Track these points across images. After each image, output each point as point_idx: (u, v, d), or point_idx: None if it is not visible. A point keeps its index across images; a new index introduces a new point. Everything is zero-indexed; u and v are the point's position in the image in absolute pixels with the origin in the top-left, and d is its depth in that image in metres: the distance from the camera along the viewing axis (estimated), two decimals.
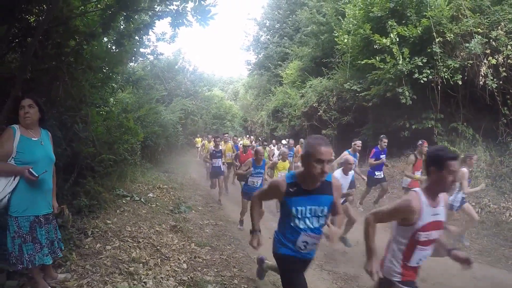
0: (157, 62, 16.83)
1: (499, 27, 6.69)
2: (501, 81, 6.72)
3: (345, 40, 9.91)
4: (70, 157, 4.20)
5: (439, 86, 7.40)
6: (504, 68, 6.61)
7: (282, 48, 18.06)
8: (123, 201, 5.29)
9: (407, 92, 7.72)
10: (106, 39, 5.06)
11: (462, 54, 7.22)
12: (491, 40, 6.72)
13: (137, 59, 6.46)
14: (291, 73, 15.89)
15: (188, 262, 3.77)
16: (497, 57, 6.63)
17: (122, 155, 5.82)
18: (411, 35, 7.69)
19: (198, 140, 16.92)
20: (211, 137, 10.43)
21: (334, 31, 10.86)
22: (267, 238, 5.22)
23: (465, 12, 7.15)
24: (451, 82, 7.18)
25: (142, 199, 5.71)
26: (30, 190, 2.34)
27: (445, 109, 7.79)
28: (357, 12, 9.39)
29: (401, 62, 7.58)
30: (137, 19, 4.87)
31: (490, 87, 6.71)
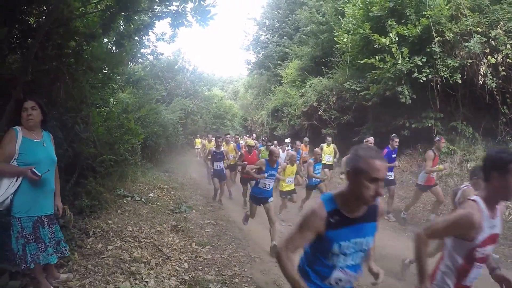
0: (157, 62, 16.85)
1: (498, 26, 6.69)
2: (501, 80, 6.73)
3: (345, 40, 9.91)
4: (71, 158, 4.22)
5: (439, 85, 7.41)
6: (504, 67, 6.61)
7: (282, 48, 18.05)
8: (124, 201, 5.32)
9: (407, 91, 7.73)
10: (106, 40, 5.08)
11: (462, 53, 7.22)
12: (490, 39, 6.72)
13: (137, 61, 6.46)
14: (291, 73, 15.89)
15: (189, 262, 3.79)
16: (497, 56, 6.64)
17: (123, 155, 5.84)
18: (411, 35, 7.69)
19: (198, 141, 16.92)
20: (212, 137, 9.94)
21: (334, 31, 10.85)
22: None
23: (464, 11, 7.15)
24: (451, 81, 7.19)
25: (143, 199, 5.73)
26: (33, 191, 2.36)
27: (445, 108, 7.80)
28: (357, 12, 9.39)
29: (401, 62, 7.59)
30: (137, 20, 4.88)
31: (490, 86, 6.72)
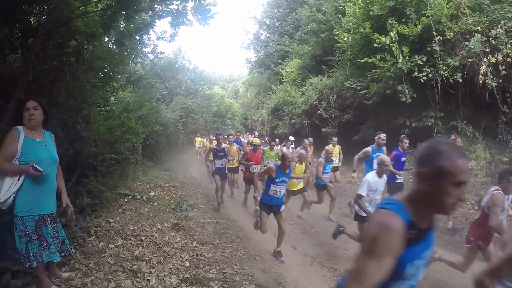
0: (158, 61, 16.86)
1: (499, 26, 6.70)
2: (501, 80, 6.75)
3: (345, 39, 9.91)
4: (72, 157, 4.24)
5: (439, 84, 7.41)
6: (504, 67, 6.62)
7: (282, 46, 18.04)
8: (125, 200, 5.34)
9: (407, 91, 7.73)
10: (107, 39, 5.08)
11: (462, 53, 7.23)
12: (491, 39, 6.73)
13: (137, 60, 6.47)
14: (291, 71, 15.89)
15: (190, 260, 3.81)
16: (497, 56, 6.64)
17: (124, 154, 5.85)
18: (411, 34, 7.70)
19: (198, 140, 16.92)
20: (213, 137, 9.49)
21: (334, 29, 10.86)
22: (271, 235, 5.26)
23: (465, 11, 7.15)
24: (451, 81, 7.20)
25: (144, 198, 5.75)
26: (35, 190, 2.38)
27: (445, 107, 7.81)
28: (357, 11, 9.39)
29: (401, 61, 7.60)
30: (137, 19, 4.89)
31: (490, 86, 6.73)
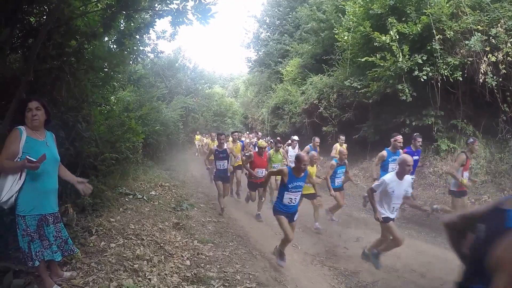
0: (158, 60, 16.87)
1: (499, 25, 6.68)
2: (501, 78, 6.73)
3: (345, 38, 9.89)
4: (73, 157, 4.25)
5: (439, 83, 7.40)
6: (504, 66, 6.61)
7: (282, 45, 18.00)
8: (126, 199, 5.36)
9: (407, 89, 7.73)
10: (107, 39, 5.09)
11: (462, 52, 7.21)
12: (491, 38, 6.71)
13: (138, 61, 6.48)
14: (292, 70, 15.86)
15: (191, 259, 3.83)
16: (497, 55, 6.63)
17: (124, 154, 5.86)
18: (411, 33, 7.68)
19: (197, 138, 16.90)
20: (215, 135, 9.09)
21: (334, 28, 10.82)
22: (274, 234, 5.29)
23: (465, 10, 7.13)
24: (451, 79, 7.19)
25: (145, 197, 5.77)
26: (36, 190, 2.40)
27: (445, 106, 7.80)
28: (357, 10, 9.37)
29: (401, 60, 7.59)
30: (138, 18, 4.89)
31: (490, 84, 6.72)
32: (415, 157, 5.48)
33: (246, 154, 7.56)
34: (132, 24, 4.59)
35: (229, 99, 28.71)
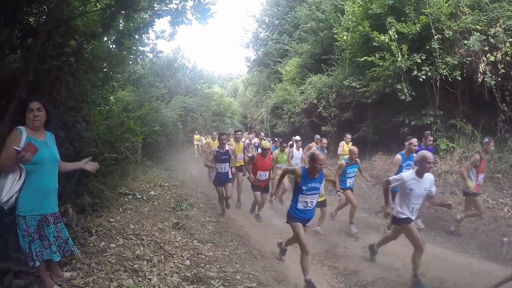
0: (157, 60, 16.86)
1: (498, 24, 6.69)
2: (500, 78, 6.75)
3: (344, 37, 9.90)
4: (73, 157, 4.22)
5: (438, 83, 7.42)
6: (503, 65, 6.63)
7: (281, 45, 18.01)
8: (126, 199, 5.36)
9: (406, 89, 7.74)
10: (106, 39, 5.08)
11: (461, 51, 7.23)
12: (490, 37, 6.73)
13: (137, 61, 6.46)
14: (291, 70, 15.88)
15: (191, 259, 3.83)
16: (496, 54, 6.65)
17: (124, 154, 5.86)
18: (410, 32, 7.70)
19: (196, 137, 16.85)
20: (216, 135, 8.67)
21: (333, 28, 10.84)
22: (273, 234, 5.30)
23: (464, 9, 7.15)
24: (450, 79, 7.20)
25: (144, 197, 5.77)
26: (36, 190, 2.40)
27: (444, 106, 7.82)
28: (356, 9, 9.38)
29: (400, 59, 7.60)
30: (137, 18, 4.88)
31: (489, 84, 6.74)
32: None
33: (249, 156, 7.43)
34: (131, 24, 4.59)
35: (228, 99, 28.70)
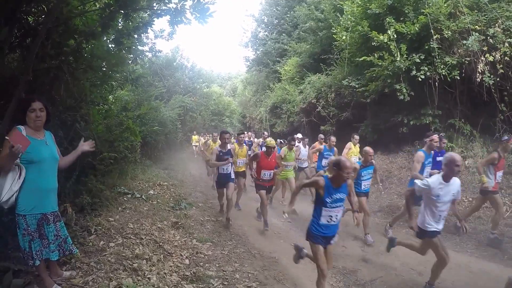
0: (156, 59, 16.84)
1: (496, 24, 6.71)
2: (498, 78, 6.77)
3: (343, 37, 9.90)
4: None
5: (437, 83, 7.44)
6: (501, 65, 6.64)
7: (281, 45, 18.01)
8: (125, 199, 5.36)
9: (405, 89, 7.76)
10: (105, 38, 5.07)
11: (460, 51, 7.25)
12: (489, 37, 6.74)
13: (136, 62, 6.46)
14: (290, 70, 15.87)
15: (190, 258, 3.84)
16: (494, 54, 6.66)
17: (123, 153, 5.87)
18: (409, 32, 7.71)
19: (195, 138, 16.82)
20: (216, 135, 8.26)
21: (332, 28, 10.84)
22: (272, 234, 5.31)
23: (463, 9, 7.17)
24: (449, 79, 7.22)
25: (143, 196, 5.78)
26: (36, 189, 2.40)
27: (443, 105, 7.84)
28: (355, 9, 9.38)
29: (399, 59, 7.61)
30: (136, 18, 4.88)
31: (487, 84, 6.76)
32: (439, 158, 5.29)
33: (253, 153, 7.26)
34: (131, 23, 4.58)
35: (227, 98, 28.73)
